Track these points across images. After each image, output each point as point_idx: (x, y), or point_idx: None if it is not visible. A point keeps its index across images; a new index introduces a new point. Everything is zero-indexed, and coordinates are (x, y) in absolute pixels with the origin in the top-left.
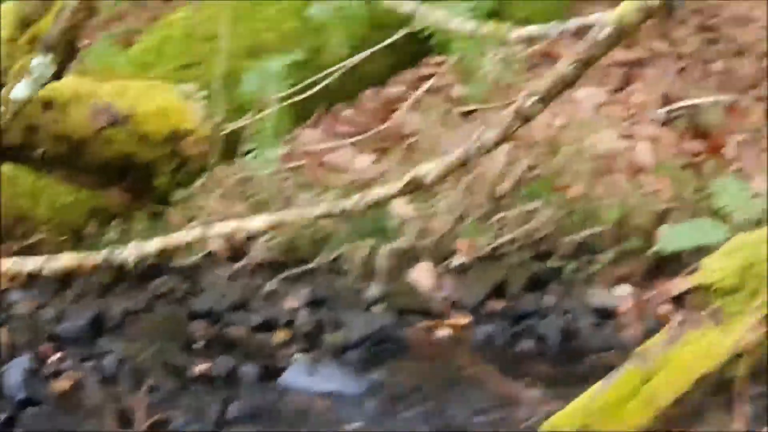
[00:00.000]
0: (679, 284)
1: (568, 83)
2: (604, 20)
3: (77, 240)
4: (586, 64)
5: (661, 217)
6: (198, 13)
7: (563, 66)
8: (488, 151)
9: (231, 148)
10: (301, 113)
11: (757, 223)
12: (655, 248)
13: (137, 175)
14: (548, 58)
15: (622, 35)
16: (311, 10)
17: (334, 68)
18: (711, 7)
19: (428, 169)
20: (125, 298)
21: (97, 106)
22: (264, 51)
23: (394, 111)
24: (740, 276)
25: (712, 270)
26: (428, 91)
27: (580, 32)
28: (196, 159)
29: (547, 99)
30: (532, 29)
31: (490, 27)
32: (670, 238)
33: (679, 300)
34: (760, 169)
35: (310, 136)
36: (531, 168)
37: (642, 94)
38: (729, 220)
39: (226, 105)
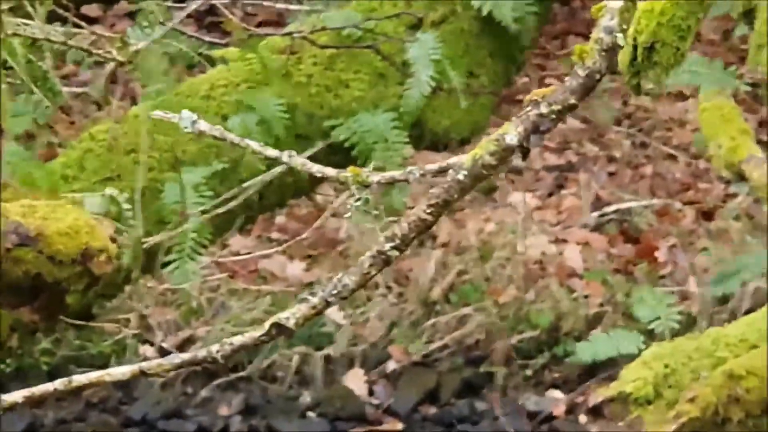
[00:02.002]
0: (598, 393)
1: (426, 227)
2: (460, 163)
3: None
4: (443, 207)
5: (593, 322)
6: (119, 126)
7: (420, 210)
8: (346, 297)
9: (152, 261)
10: (222, 225)
11: (677, 333)
12: (571, 358)
13: (48, 295)
14: None
15: (479, 178)
16: (231, 122)
17: (252, 181)
18: (644, 110)
19: (289, 314)
20: (59, 406)
21: (5, 226)
22: (185, 163)
23: (325, 217)
24: (658, 386)
25: (629, 379)
26: (358, 199)
27: (441, 173)
28: (107, 277)
29: (403, 244)
30: (394, 173)
31: (351, 172)
32: (587, 348)
33: (597, 410)
34: (693, 273)
35: (242, 243)
36: (462, 273)
37: (573, 198)
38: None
39: (148, 218)
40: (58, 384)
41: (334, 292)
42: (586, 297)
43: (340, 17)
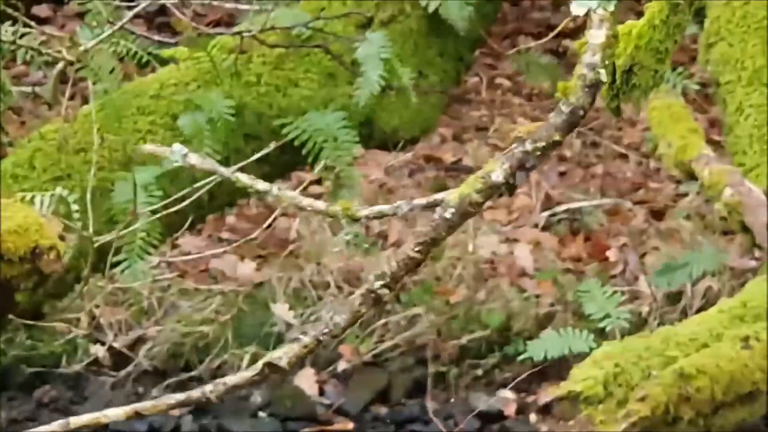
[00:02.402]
0: (548, 392)
1: (414, 265)
2: (447, 201)
3: None
4: (430, 245)
5: (544, 322)
6: (70, 126)
7: (408, 249)
8: (338, 335)
9: (102, 260)
10: (172, 224)
11: (628, 332)
12: (522, 356)
13: None
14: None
15: (466, 215)
16: (181, 121)
17: (204, 181)
18: (594, 110)
19: (281, 354)
20: (9, 407)
21: None
22: (135, 162)
23: (276, 217)
24: (607, 385)
25: (580, 378)
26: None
27: (428, 208)
28: (57, 275)
29: (393, 282)
30: (383, 208)
31: (341, 206)
32: (538, 346)
33: (548, 409)
34: (643, 272)
35: (192, 243)
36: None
37: (524, 197)
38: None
39: (98, 217)
40: (56, 426)
41: (326, 331)
42: (536, 297)
43: (289, 17)
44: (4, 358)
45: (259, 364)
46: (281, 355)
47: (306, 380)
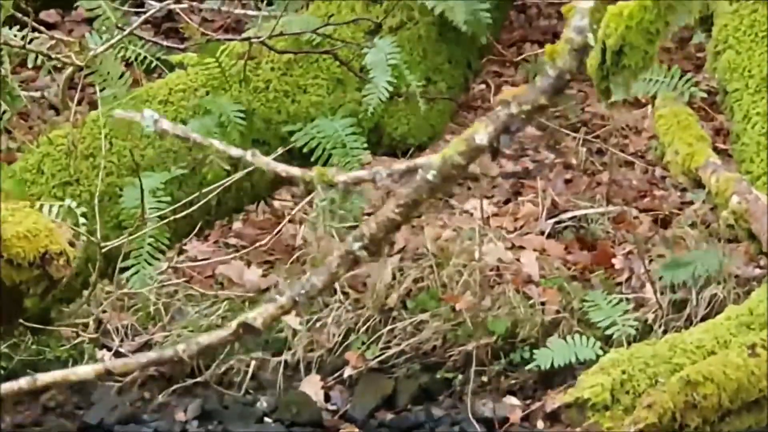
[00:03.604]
0: (555, 399)
1: (394, 226)
2: (429, 163)
3: None
4: (412, 207)
5: (549, 329)
6: (78, 131)
7: (389, 210)
8: (314, 296)
9: (111, 265)
10: (180, 230)
11: (634, 340)
12: (531, 364)
13: (6, 298)
14: None
15: (448, 177)
16: (191, 125)
17: (212, 186)
18: (600, 117)
19: (255, 314)
20: (15, 411)
21: None
22: (144, 168)
23: (282, 223)
24: (614, 392)
25: (587, 385)
26: (314, 204)
27: (408, 174)
28: (66, 280)
29: (372, 244)
30: (360, 173)
31: (316, 171)
32: (545, 354)
33: (554, 416)
34: (649, 280)
35: (199, 249)
36: (419, 280)
37: (530, 205)
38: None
39: (106, 222)
40: (23, 383)
41: (302, 291)
42: (542, 304)
43: (298, 23)
44: (10, 363)
45: (234, 323)
46: (256, 316)
47: (312, 386)
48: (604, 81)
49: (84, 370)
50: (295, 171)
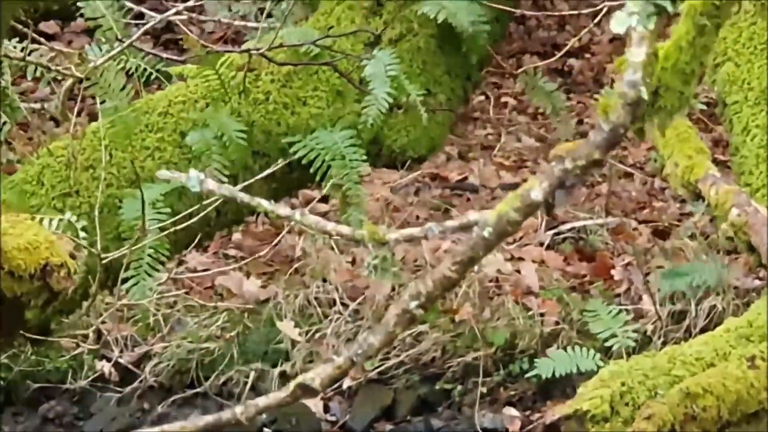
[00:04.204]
0: (555, 410)
1: (451, 284)
2: (485, 219)
3: None
4: (468, 264)
5: (549, 340)
6: (78, 142)
7: (445, 268)
8: (372, 356)
9: (111, 276)
10: (180, 241)
11: (633, 351)
12: (530, 374)
13: (7, 310)
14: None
15: (504, 234)
16: (190, 138)
17: (212, 198)
18: None
19: (314, 375)
20: (14, 422)
21: None
22: (144, 179)
23: (281, 234)
24: (614, 404)
25: (586, 397)
26: (315, 215)
27: (461, 230)
28: (68, 292)
29: (428, 302)
30: (412, 231)
31: (367, 230)
32: (546, 364)
33: (554, 427)
34: (648, 291)
35: (198, 260)
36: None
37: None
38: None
39: (106, 233)
40: None
41: (360, 351)
42: (541, 315)
43: (297, 34)
44: (9, 374)
45: (292, 385)
46: (314, 377)
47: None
48: (639, 122)
49: None
50: (346, 230)
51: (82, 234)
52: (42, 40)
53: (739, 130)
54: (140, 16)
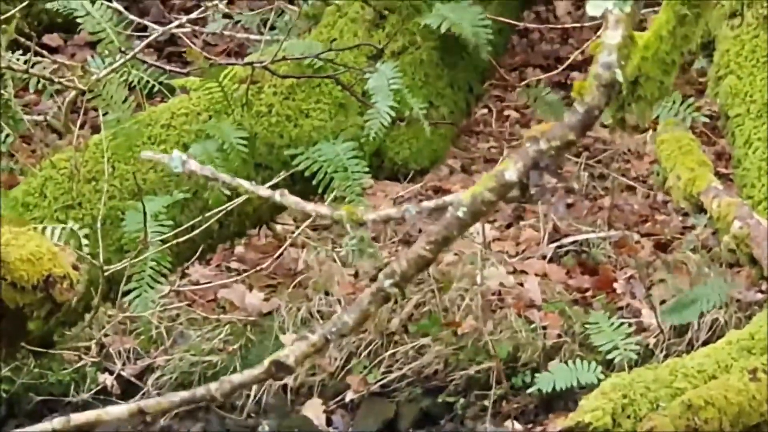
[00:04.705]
0: (557, 423)
1: (425, 263)
2: (459, 200)
3: None
4: (442, 244)
5: (551, 353)
6: (80, 154)
7: (419, 247)
8: (346, 334)
9: (113, 288)
10: (182, 253)
11: (635, 364)
12: (532, 388)
13: (10, 321)
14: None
15: (478, 214)
16: (192, 150)
17: (214, 210)
18: (602, 142)
19: (288, 352)
20: None
21: None
22: (146, 191)
23: (284, 247)
24: (615, 416)
25: (588, 409)
26: (316, 228)
27: (437, 211)
28: (70, 304)
29: (403, 281)
30: (389, 211)
31: (345, 210)
32: (547, 378)
33: None
34: (650, 304)
35: (201, 272)
36: (421, 304)
37: (532, 229)
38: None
39: (108, 245)
40: (56, 424)
41: (333, 329)
42: (544, 328)
43: (300, 47)
44: (12, 386)
45: (266, 362)
46: (288, 353)
47: (314, 410)
48: (620, 111)
49: (118, 410)
50: (325, 210)
51: (85, 245)
52: (45, 52)
53: (742, 142)
54: (144, 28)
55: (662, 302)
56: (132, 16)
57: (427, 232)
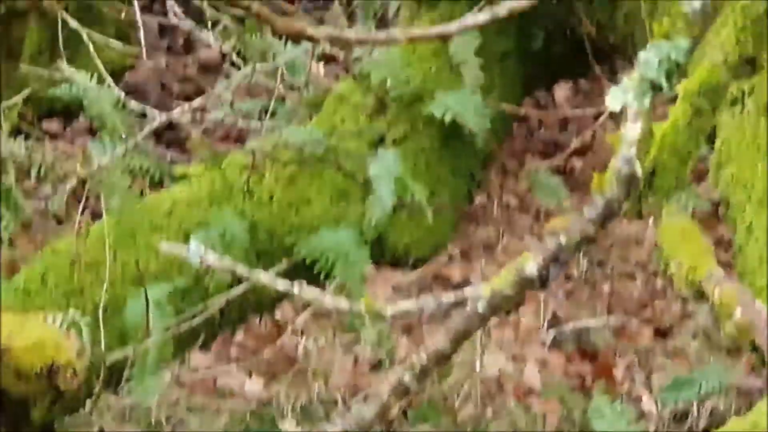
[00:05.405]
0: None
1: (445, 357)
2: (478, 294)
3: None
4: (462, 338)
5: None
6: (81, 241)
7: (440, 341)
8: (365, 428)
9: (114, 375)
10: (184, 341)
11: None
12: None
13: (13, 409)
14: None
15: (498, 309)
16: (193, 238)
17: (217, 297)
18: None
19: None
20: None
21: None
22: (148, 279)
23: (283, 335)
24: None
25: None
26: (316, 315)
27: (456, 305)
28: (73, 391)
29: (423, 374)
30: (408, 305)
31: (365, 303)
32: None
33: None
34: (650, 391)
35: (200, 359)
36: (420, 390)
37: (531, 316)
38: None
39: (110, 333)
40: None
41: (353, 423)
42: (543, 415)
43: (302, 135)
44: None
45: None
46: None
47: None
48: (636, 202)
49: None
50: (344, 304)
51: (86, 333)
52: (46, 139)
53: (743, 230)
54: (143, 115)
55: (662, 389)
56: (133, 102)
57: (447, 326)
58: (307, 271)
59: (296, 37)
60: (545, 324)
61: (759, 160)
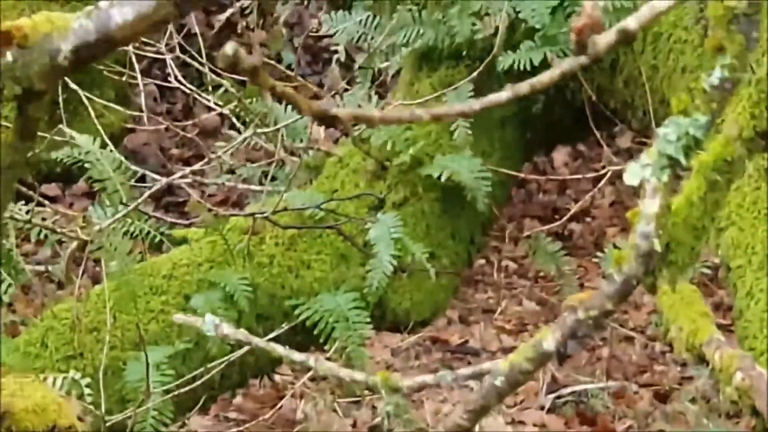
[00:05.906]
0: None
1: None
2: (497, 369)
3: None
4: (480, 413)
5: None
6: (81, 305)
7: (457, 416)
8: None
9: None
10: (184, 404)
11: None
12: None
13: None
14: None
15: (516, 384)
16: (194, 301)
17: (217, 362)
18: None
19: None
20: None
21: None
22: (148, 342)
23: (282, 398)
24: None
25: None
26: (314, 378)
27: (473, 378)
28: None
29: None
30: (425, 378)
31: (380, 377)
32: None
33: None
34: None
35: (200, 422)
36: None
37: (530, 379)
38: None
39: (110, 396)
40: None
41: None
42: None
43: (302, 198)
44: None
45: None
46: None
47: None
48: (650, 277)
49: None
50: (359, 376)
51: (87, 395)
52: (46, 202)
53: (743, 294)
54: (143, 178)
55: None
56: (132, 166)
57: (465, 401)
58: (307, 334)
59: (319, 117)
60: (544, 388)
61: (759, 225)
